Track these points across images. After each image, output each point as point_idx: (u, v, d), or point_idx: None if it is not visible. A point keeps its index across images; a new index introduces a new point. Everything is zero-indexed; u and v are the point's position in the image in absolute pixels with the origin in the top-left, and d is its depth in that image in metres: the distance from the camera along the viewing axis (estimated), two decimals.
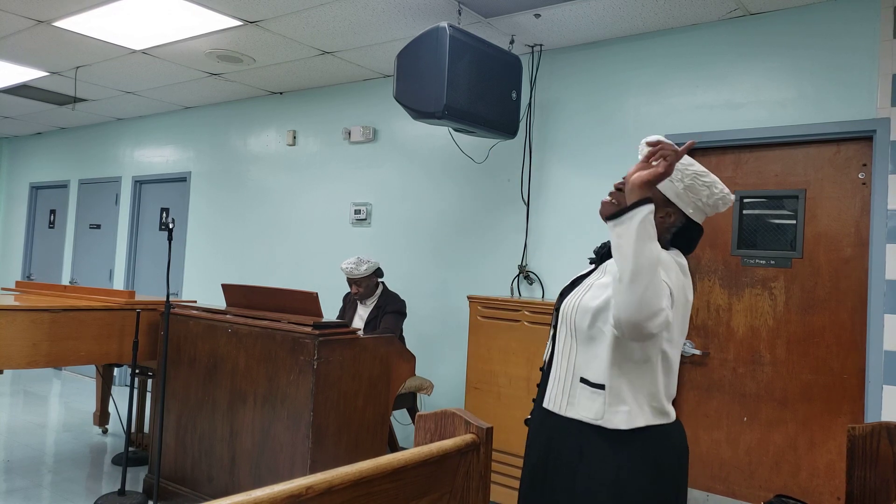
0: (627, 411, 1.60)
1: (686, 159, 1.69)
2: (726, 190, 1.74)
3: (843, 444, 3.16)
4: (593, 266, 1.84)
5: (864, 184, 3.23)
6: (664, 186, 1.68)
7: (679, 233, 1.75)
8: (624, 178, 1.61)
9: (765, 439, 3.40)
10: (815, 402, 3.28)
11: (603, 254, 1.82)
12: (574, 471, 1.65)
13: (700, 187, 1.69)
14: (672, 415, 1.68)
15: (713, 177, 1.72)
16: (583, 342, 1.67)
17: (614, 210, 1.53)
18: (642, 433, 1.62)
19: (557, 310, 1.80)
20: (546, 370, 1.82)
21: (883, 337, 3.05)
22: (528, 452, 1.82)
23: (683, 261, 1.69)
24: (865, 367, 3.12)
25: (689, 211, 1.71)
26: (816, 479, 3.27)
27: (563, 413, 1.69)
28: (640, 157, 1.62)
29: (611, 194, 1.68)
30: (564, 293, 1.82)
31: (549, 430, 1.73)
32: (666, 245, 1.71)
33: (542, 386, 1.80)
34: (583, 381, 1.65)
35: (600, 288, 1.68)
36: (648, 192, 1.51)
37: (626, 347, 1.61)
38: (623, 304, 1.44)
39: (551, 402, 1.73)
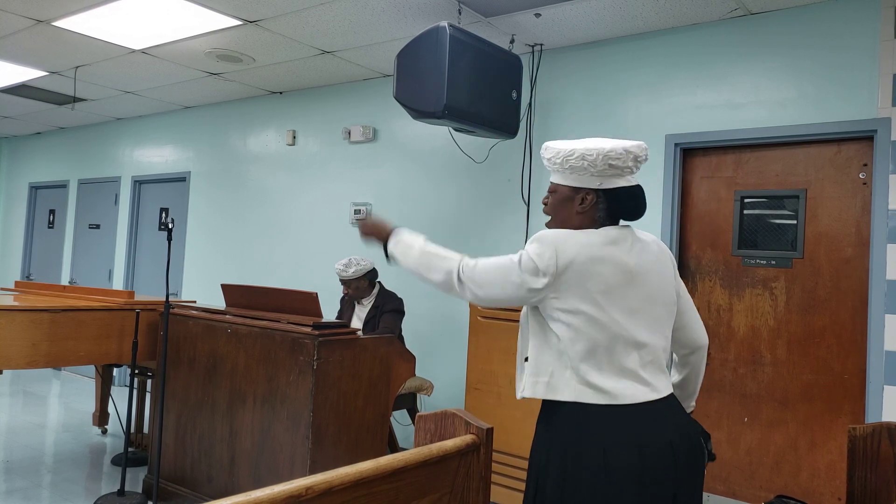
0: (546, 382, 1.66)
1: (558, 145, 1.72)
2: (606, 146, 1.66)
3: (843, 444, 3.16)
4: None
5: (864, 184, 3.23)
6: (561, 180, 1.72)
7: (612, 205, 1.69)
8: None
9: (765, 439, 3.39)
10: (815, 402, 3.28)
11: None
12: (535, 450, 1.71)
13: (577, 164, 1.67)
14: (619, 395, 1.59)
15: (583, 146, 1.67)
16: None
17: None
18: (582, 409, 1.60)
19: None
20: None
21: (884, 337, 3.05)
22: None
23: (591, 237, 1.65)
24: (866, 368, 3.11)
25: (595, 185, 1.68)
26: (817, 479, 3.26)
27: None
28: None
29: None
30: None
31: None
32: (601, 223, 1.69)
33: None
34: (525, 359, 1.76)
35: None
36: (376, 238, 1.92)
37: (531, 320, 1.72)
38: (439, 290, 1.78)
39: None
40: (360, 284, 4.08)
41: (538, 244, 1.66)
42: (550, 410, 1.68)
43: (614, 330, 1.61)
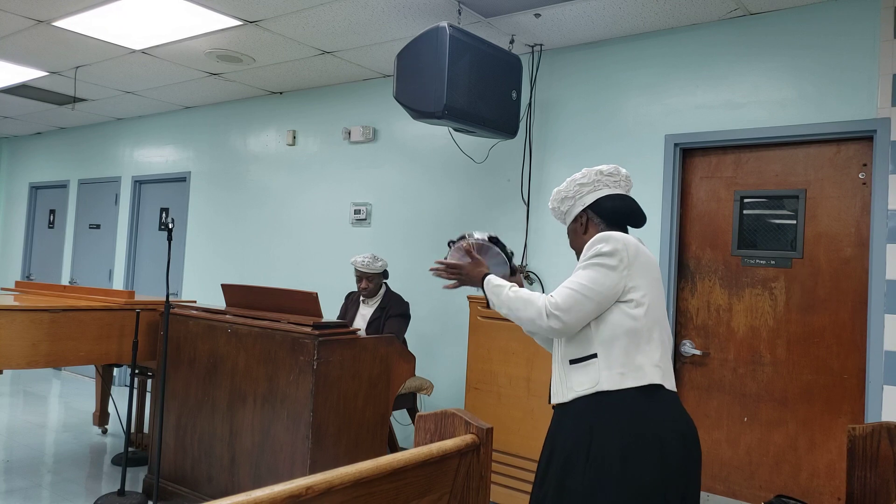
0: (622, 374, 1.79)
1: (549, 203, 2.10)
2: (576, 174, 2.02)
3: (843, 444, 3.16)
4: None
5: (864, 184, 3.23)
6: (564, 220, 2.06)
7: (602, 213, 1.97)
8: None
9: (765, 439, 3.39)
10: (815, 402, 3.28)
11: None
12: (587, 448, 1.76)
13: (562, 199, 2.03)
14: (669, 377, 1.85)
15: (558, 187, 2.04)
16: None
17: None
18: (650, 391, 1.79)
19: None
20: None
21: (883, 337, 3.05)
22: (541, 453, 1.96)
23: (607, 245, 1.84)
24: (866, 368, 3.12)
25: (586, 203, 1.98)
26: (817, 479, 3.27)
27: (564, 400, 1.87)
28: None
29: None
30: None
31: (554, 423, 1.90)
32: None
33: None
34: (572, 362, 1.85)
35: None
36: (471, 282, 2.06)
37: (595, 320, 1.84)
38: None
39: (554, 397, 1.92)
40: (379, 280, 4.14)
41: (605, 243, 1.83)
42: (602, 396, 1.78)
43: (660, 318, 1.85)
